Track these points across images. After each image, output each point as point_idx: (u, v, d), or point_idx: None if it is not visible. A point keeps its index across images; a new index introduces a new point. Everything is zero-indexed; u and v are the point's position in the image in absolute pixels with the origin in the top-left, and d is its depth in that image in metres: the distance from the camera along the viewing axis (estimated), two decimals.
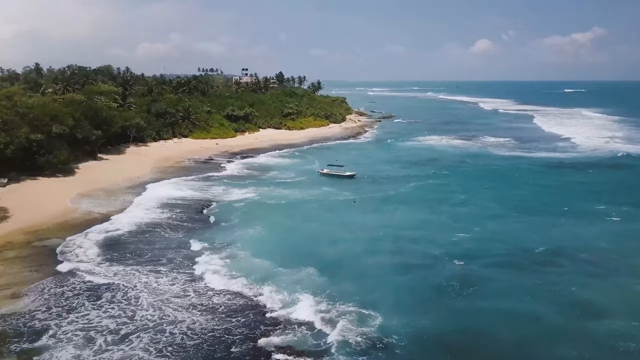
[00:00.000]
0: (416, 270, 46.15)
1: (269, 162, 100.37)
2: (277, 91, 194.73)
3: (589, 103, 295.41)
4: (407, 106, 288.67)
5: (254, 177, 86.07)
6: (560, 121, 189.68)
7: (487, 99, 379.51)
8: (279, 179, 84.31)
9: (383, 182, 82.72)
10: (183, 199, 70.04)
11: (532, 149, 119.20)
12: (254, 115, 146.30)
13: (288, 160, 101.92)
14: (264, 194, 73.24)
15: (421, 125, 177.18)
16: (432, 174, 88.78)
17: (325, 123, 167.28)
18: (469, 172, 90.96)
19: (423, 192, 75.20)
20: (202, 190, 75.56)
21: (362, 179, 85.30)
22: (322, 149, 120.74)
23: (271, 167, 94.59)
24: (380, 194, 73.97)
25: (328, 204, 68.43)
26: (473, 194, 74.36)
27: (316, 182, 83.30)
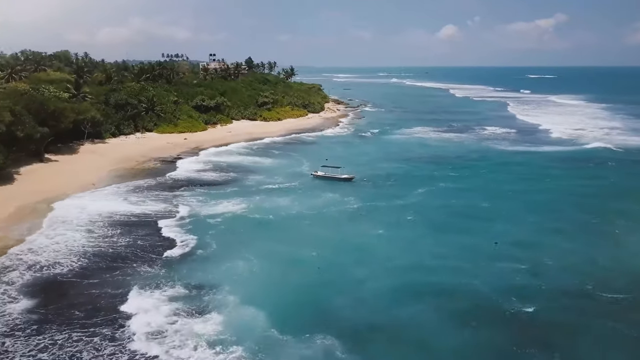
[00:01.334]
0: (480, 333, 33.95)
1: (249, 162, 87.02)
2: (249, 78, 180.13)
3: (567, 89, 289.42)
4: (382, 93, 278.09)
5: (235, 182, 72.87)
6: (547, 109, 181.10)
7: (460, 85, 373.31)
8: (266, 184, 71.29)
9: (386, 187, 70.71)
10: (141, 216, 56.44)
11: (535, 142, 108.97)
12: (226, 106, 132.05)
13: (271, 161, 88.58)
14: (250, 206, 60.20)
15: (403, 115, 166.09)
16: (440, 176, 77.16)
17: (304, 113, 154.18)
18: (481, 172, 79.72)
19: (439, 201, 63.33)
20: (169, 201, 62.03)
21: (362, 182, 73.17)
22: (306, 144, 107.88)
23: (253, 169, 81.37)
24: (389, 204, 61.80)
25: (331, 220, 55.82)
26: (499, 201, 62.99)
27: (310, 187, 70.83)
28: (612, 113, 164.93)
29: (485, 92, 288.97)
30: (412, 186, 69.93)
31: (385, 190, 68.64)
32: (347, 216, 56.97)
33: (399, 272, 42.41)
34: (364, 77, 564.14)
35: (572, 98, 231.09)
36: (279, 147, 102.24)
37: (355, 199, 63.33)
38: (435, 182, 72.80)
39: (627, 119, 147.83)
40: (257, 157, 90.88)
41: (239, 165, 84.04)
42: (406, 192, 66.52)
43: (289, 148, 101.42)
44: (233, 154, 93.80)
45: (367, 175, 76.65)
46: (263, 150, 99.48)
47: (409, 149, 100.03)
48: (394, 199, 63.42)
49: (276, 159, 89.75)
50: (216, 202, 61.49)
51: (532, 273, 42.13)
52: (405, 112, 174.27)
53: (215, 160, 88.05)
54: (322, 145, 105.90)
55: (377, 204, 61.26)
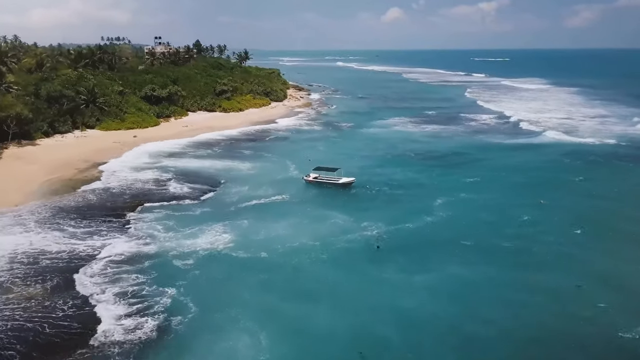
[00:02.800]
0: None
1: (221, 167, 72.06)
2: (202, 63, 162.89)
3: (525, 72, 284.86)
4: (339, 78, 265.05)
5: (208, 197, 58.13)
6: (518, 96, 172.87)
7: (413, 68, 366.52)
8: (249, 198, 57.02)
9: (394, 197, 57.87)
10: (74, 258, 41.41)
11: (532, 135, 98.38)
12: (180, 96, 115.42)
13: (249, 165, 73.41)
14: (233, 236, 45.84)
15: (372, 103, 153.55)
16: (452, 182, 64.93)
17: (266, 102, 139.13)
18: (494, 176, 67.87)
19: (466, 219, 50.84)
20: (117, 231, 47.12)
21: (363, 189, 60.21)
22: (279, 140, 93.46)
23: (229, 177, 66.64)
24: (415, 225, 48.73)
25: (347, 260, 41.45)
26: (544, 219, 51.03)
27: (305, 199, 57.55)
28: (587, 98, 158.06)
29: (443, 77, 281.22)
30: (427, 197, 57.34)
31: (393, 203, 55.61)
32: (365, 252, 43.03)
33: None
34: (312, 60, 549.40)
35: (536, 82, 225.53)
36: (249, 145, 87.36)
37: (367, 218, 49.97)
38: (452, 190, 60.36)
39: (608, 105, 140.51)
40: (229, 161, 75.81)
41: (209, 172, 69.10)
42: (425, 207, 53.79)
43: (261, 146, 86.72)
44: (198, 157, 78.36)
45: (366, 180, 63.49)
46: (232, 149, 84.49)
47: (396, 146, 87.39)
48: (416, 218, 50.42)
49: (252, 162, 75.04)
50: (186, 231, 46.87)
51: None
52: (373, 100, 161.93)
53: (176, 165, 72.61)
54: (297, 141, 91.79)
55: (399, 227, 47.98)
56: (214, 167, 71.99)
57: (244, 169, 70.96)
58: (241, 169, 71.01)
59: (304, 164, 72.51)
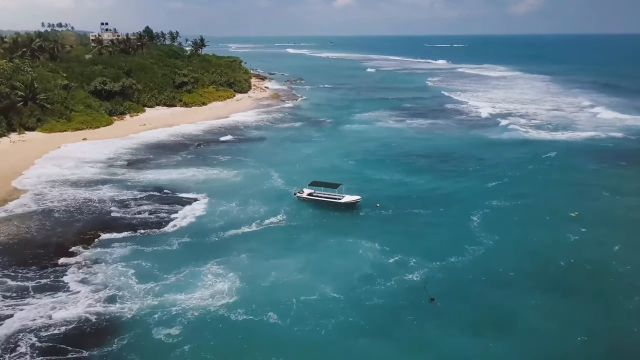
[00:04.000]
0: None
1: (193, 176, 60.37)
2: (155, 51, 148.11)
3: (487, 59, 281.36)
4: (299, 66, 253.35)
5: (182, 225, 46.50)
6: (491, 84, 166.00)
7: (372, 55, 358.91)
8: (234, 225, 45.77)
9: (417, 217, 48.07)
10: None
11: (528, 128, 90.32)
12: (135, 89, 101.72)
13: (228, 174, 61.94)
14: (225, 288, 34.76)
15: (344, 94, 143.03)
16: (472, 188, 55.73)
17: (231, 94, 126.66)
18: (514, 178, 58.95)
19: (515, 243, 41.64)
20: (53, 291, 35.37)
21: (373, 208, 49.90)
22: (253, 141, 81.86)
23: (206, 190, 55.10)
24: (449, 259, 38.90)
25: (386, 324, 30.77)
26: (591, 237, 42.07)
27: (305, 222, 47.02)
28: (565, 86, 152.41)
29: (405, 64, 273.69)
30: (455, 213, 48.10)
31: (424, 226, 45.73)
32: (415, 309, 32.38)
33: None
34: (263, 47, 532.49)
35: (502, 69, 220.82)
36: (223, 149, 75.49)
37: (396, 250, 39.79)
38: (478, 200, 51.20)
39: (589, 93, 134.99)
40: (204, 169, 64.00)
41: (182, 184, 57.24)
42: (460, 229, 44.46)
43: (237, 149, 74.98)
44: (165, 165, 66.03)
45: (372, 195, 53.19)
46: (204, 153, 72.61)
47: (389, 146, 77.68)
48: (457, 247, 40.59)
49: (232, 169, 63.60)
50: (165, 279, 35.65)
51: None
52: (344, 90, 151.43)
53: (140, 177, 60.35)
54: (276, 142, 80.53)
55: (443, 264, 37.91)
56: (187, 177, 60.21)
57: (224, 180, 59.47)
58: (220, 180, 59.51)
59: (291, 171, 62.11)
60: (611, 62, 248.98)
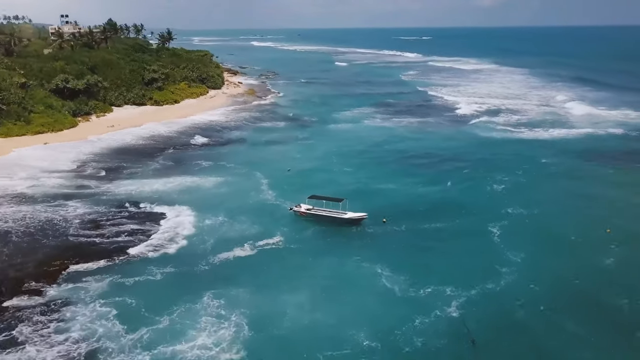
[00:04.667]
0: None
1: (172, 186, 53.67)
2: (121, 45, 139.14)
3: (456, 52, 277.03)
4: (270, 59, 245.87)
5: (166, 243, 40.05)
6: (476, 77, 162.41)
7: (341, 48, 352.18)
8: (229, 243, 40.09)
9: (435, 236, 42.86)
10: None
11: (527, 125, 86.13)
12: (101, 87, 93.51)
13: (211, 182, 55.41)
14: (232, 331, 29.00)
15: (322, 89, 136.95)
16: (484, 195, 50.76)
17: (204, 90, 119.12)
18: (528, 181, 54.22)
19: (549, 264, 36.79)
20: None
21: (382, 225, 44.22)
22: (233, 143, 75.33)
23: (187, 201, 48.59)
24: (484, 285, 33.91)
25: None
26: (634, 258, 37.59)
27: (307, 243, 41.15)
28: (546, 80, 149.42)
29: (378, 57, 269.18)
30: (475, 229, 42.97)
31: (447, 247, 40.41)
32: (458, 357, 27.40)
33: None
34: (229, 40, 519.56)
35: (476, 62, 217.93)
36: (202, 153, 68.79)
37: (422, 280, 34.32)
38: (494, 210, 46.18)
39: (572, 87, 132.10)
40: (184, 176, 57.30)
41: (159, 196, 50.52)
42: (486, 248, 39.37)
43: (218, 153, 68.45)
44: (139, 174, 59.02)
45: (378, 208, 47.52)
46: (181, 158, 65.82)
47: (382, 147, 72.52)
48: (488, 271, 35.42)
49: (214, 176, 57.33)
50: (154, 323, 29.39)
51: None
52: (321, 86, 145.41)
53: (111, 188, 53.33)
54: (259, 144, 74.28)
55: (479, 293, 32.68)
56: (166, 187, 53.59)
57: (208, 190, 53.01)
58: (203, 190, 53.05)
59: (281, 179, 56.24)
60: (576, 55, 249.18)
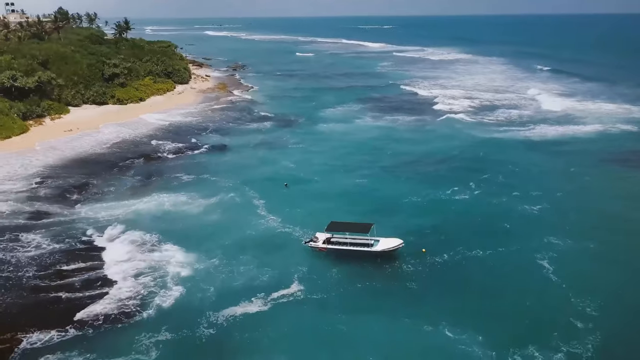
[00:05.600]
0: None
1: (148, 208, 43.98)
2: (75, 36, 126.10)
3: (424, 41, 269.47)
4: (236, 50, 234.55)
5: (143, 304, 30.78)
6: (454, 68, 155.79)
7: (301, 37, 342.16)
8: (230, 297, 31.50)
9: (479, 269, 34.66)
10: None
11: (532, 122, 79.31)
12: (55, 85, 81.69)
13: (195, 203, 45.83)
14: None
15: (300, 83, 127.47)
16: (522, 213, 43.04)
17: (170, 85, 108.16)
18: (572, 205, 46.83)
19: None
20: None
21: (421, 259, 35.87)
22: (215, 152, 65.43)
23: (166, 231, 39.04)
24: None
25: None
26: None
27: (334, 292, 32.83)
28: (528, 70, 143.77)
29: (346, 47, 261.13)
30: (525, 259, 35.03)
31: (501, 284, 32.53)
32: None
33: None
34: (184, 29, 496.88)
35: (450, 51, 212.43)
36: (180, 163, 58.91)
37: (491, 339, 26.67)
38: (539, 230, 38.31)
39: (559, 78, 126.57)
40: (160, 194, 47.56)
41: (128, 222, 40.75)
42: (556, 296, 31.31)
43: (197, 164, 58.73)
44: (104, 196, 48.82)
45: (408, 230, 39.23)
46: (155, 170, 55.85)
47: (387, 151, 64.34)
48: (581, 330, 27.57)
49: (198, 195, 47.79)
50: None
51: None
52: (298, 79, 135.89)
53: (76, 217, 43.26)
54: (244, 151, 64.90)
55: None
56: (140, 212, 43.75)
57: (196, 217, 43.54)
58: (190, 216, 43.57)
59: (280, 197, 47.49)
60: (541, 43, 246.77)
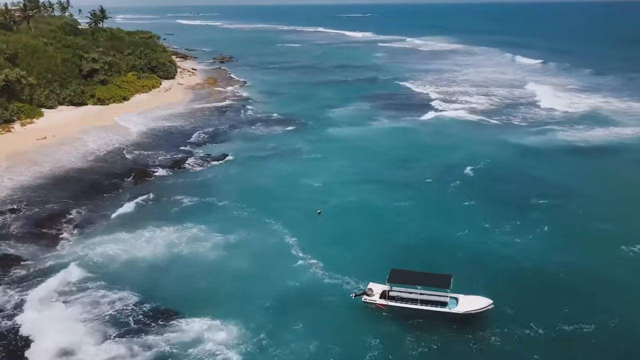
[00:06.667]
0: None
1: (143, 253, 34.47)
2: (46, 26, 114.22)
3: (415, 30, 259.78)
4: (217, 40, 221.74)
5: None
6: (456, 60, 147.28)
7: (284, 26, 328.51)
8: None
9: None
10: None
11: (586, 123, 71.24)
12: (25, 84, 70.64)
13: (208, 244, 36.14)
14: None
15: (297, 77, 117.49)
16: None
17: (156, 82, 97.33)
18: None
19: None
20: None
21: (514, 328, 27.25)
22: (218, 161, 55.80)
23: (174, 290, 29.86)
24: None
25: None
26: None
27: None
28: (532, 64, 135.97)
29: (332, 37, 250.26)
30: None
31: None
32: None
33: None
34: (157, 18, 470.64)
35: (441, 41, 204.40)
36: (177, 182, 49.01)
37: None
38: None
39: (565, 72, 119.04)
40: (149, 232, 37.89)
41: (117, 272, 31.27)
42: None
43: (201, 183, 48.99)
44: (90, 231, 39.04)
45: (472, 275, 30.81)
46: (152, 195, 45.94)
47: (419, 162, 55.10)
48: None
49: (206, 231, 38.13)
50: None
51: None
52: (290, 71, 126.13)
53: (60, 263, 33.51)
54: (252, 163, 55.55)
55: None
56: (139, 256, 34.26)
57: (209, 263, 34.19)
58: (199, 260, 34.30)
59: (308, 226, 38.62)
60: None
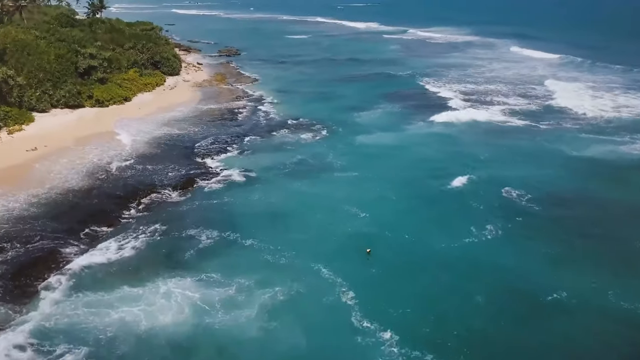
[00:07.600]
0: None
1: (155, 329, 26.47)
2: (40, 17, 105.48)
3: (418, 20, 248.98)
4: (220, 31, 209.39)
5: None
6: (474, 53, 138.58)
7: (285, 16, 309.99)
8: None
9: None
10: None
11: None
12: (13, 85, 62.34)
13: (240, 319, 27.81)
14: None
15: (311, 73, 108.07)
16: None
17: (160, 79, 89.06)
18: None
19: None
20: None
21: None
22: (238, 186, 47.62)
23: None
24: None
25: None
26: None
27: None
28: (558, 58, 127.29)
29: (339, 28, 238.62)
30: None
31: None
32: None
33: None
34: (155, 7, 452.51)
35: (453, 32, 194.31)
36: (186, 209, 40.92)
37: None
38: None
39: (599, 69, 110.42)
40: (157, 301, 29.88)
41: None
42: None
43: (218, 211, 40.76)
44: (92, 284, 31.04)
45: None
46: (159, 228, 37.86)
47: (480, 183, 46.98)
48: None
49: (234, 293, 30.00)
50: None
51: None
52: (302, 66, 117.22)
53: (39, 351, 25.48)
54: (275, 183, 47.30)
55: None
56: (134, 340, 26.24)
57: (248, 338, 26.11)
58: (231, 335, 26.12)
59: (364, 277, 30.68)
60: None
